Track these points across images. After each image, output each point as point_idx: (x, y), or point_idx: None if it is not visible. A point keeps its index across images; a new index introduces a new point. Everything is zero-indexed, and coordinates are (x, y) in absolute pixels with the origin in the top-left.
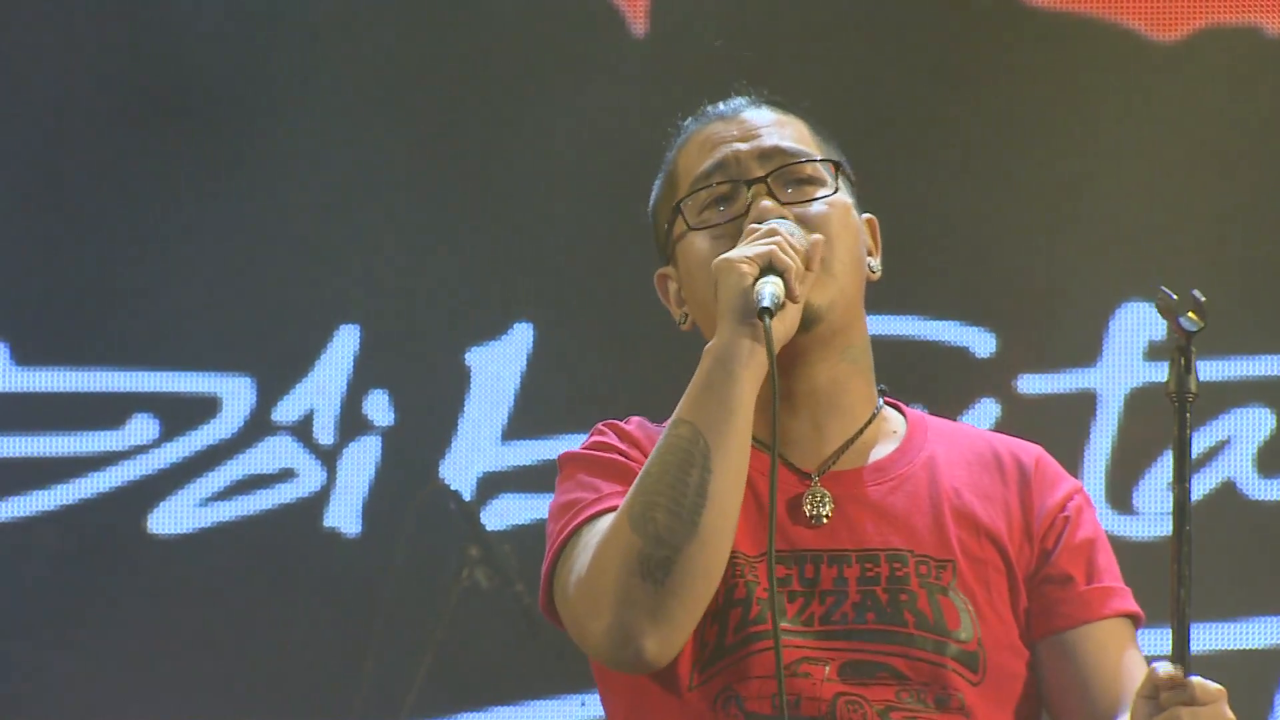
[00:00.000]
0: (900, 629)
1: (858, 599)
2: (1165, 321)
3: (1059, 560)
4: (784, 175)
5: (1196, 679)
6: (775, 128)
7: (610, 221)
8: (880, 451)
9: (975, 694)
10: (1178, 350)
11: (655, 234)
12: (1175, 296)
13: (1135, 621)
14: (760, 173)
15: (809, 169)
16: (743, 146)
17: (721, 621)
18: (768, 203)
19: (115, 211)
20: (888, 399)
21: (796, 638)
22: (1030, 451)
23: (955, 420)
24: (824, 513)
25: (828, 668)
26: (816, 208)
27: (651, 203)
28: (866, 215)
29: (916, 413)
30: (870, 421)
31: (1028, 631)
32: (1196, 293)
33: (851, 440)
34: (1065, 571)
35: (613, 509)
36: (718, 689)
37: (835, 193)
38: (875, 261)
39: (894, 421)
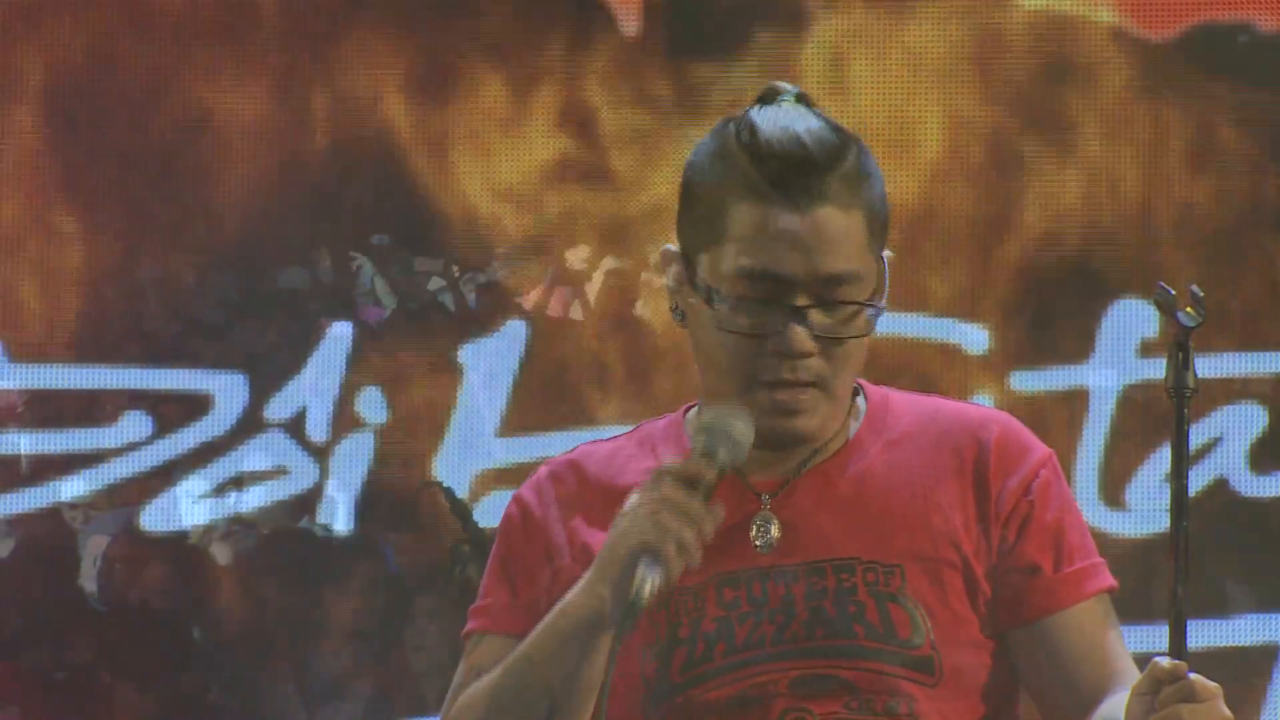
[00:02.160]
0: (850, 642)
1: (806, 616)
2: (1162, 317)
3: (1025, 549)
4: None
5: (1195, 676)
6: (840, 244)
7: (603, 220)
8: (833, 446)
9: (929, 698)
10: (1176, 345)
11: (688, 215)
12: (1173, 292)
13: (1110, 593)
14: (804, 301)
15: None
16: (799, 268)
17: (664, 660)
18: (801, 333)
19: (111, 209)
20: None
21: (750, 665)
22: (990, 428)
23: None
24: (770, 540)
25: (778, 685)
26: (841, 349)
27: (698, 177)
28: (887, 253)
29: (879, 392)
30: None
31: (993, 622)
32: (1195, 288)
33: (815, 453)
34: (1032, 561)
35: (482, 630)
36: None
37: (867, 333)
38: (882, 301)
39: (855, 404)
